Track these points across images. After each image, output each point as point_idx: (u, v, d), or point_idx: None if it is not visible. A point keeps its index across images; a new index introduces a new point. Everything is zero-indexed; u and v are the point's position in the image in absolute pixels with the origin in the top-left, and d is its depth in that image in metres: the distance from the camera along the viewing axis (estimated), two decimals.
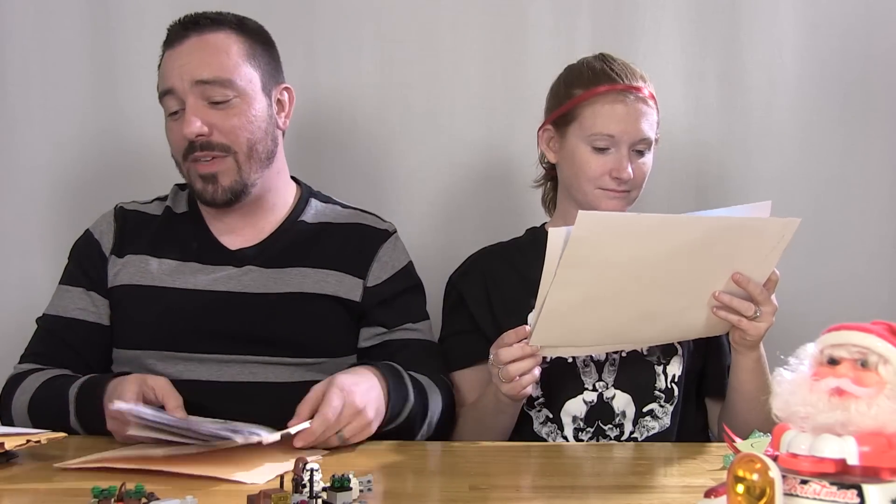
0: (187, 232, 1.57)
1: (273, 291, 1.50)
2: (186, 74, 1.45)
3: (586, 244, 1.23)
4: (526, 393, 1.37)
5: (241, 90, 1.47)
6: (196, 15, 1.51)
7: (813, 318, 1.61)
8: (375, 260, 1.56)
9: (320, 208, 1.62)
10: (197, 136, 1.45)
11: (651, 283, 1.31)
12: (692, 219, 1.34)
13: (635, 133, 1.51)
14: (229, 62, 1.47)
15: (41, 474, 1.14)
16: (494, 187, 1.97)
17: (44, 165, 1.93)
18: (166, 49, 1.51)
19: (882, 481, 0.74)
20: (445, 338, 1.61)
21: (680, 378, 1.54)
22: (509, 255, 1.64)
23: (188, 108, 1.45)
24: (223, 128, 1.46)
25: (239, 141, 1.47)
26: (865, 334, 0.80)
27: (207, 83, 1.45)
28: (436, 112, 1.96)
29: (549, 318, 1.30)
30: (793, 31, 1.99)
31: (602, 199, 1.54)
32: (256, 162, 1.50)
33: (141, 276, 1.52)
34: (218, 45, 1.47)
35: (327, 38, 1.61)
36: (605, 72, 1.53)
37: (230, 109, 1.46)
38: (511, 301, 1.54)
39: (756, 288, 1.34)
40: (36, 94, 1.92)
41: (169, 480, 1.07)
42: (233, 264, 1.52)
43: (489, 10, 1.96)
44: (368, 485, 1.01)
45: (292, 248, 1.55)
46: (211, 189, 1.48)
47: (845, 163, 1.99)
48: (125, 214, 1.60)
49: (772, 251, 1.33)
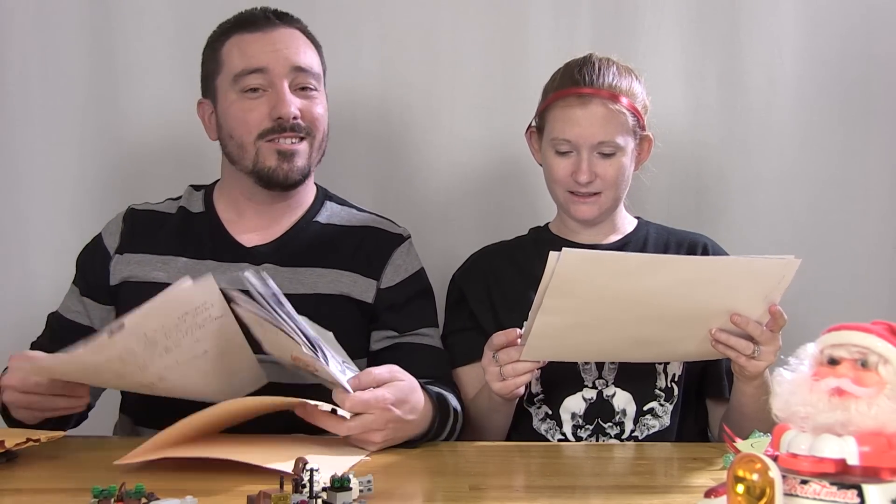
0: (203, 231, 1.57)
1: (289, 292, 1.50)
2: (283, 59, 1.50)
3: (570, 280, 1.23)
4: (517, 393, 1.37)
5: (321, 85, 1.56)
6: (274, 10, 1.57)
7: (813, 318, 1.61)
8: (389, 263, 1.57)
9: (335, 210, 1.63)
10: (294, 117, 1.49)
11: (642, 315, 1.30)
12: (680, 260, 1.35)
13: (593, 136, 1.50)
14: (315, 59, 1.56)
15: (41, 474, 1.14)
16: (494, 187, 1.97)
17: (44, 165, 1.92)
18: (246, 32, 1.53)
19: (882, 481, 0.74)
20: (447, 335, 1.61)
21: (680, 377, 1.54)
22: (511, 254, 1.64)
23: (285, 89, 1.50)
24: (309, 114, 1.52)
25: (318, 129, 1.54)
26: (865, 334, 0.80)
27: (302, 70, 1.51)
28: (436, 112, 1.96)
29: (539, 337, 1.31)
30: (793, 31, 1.98)
31: (571, 204, 1.56)
32: (318, 154, 1.56)
33: (153, 273, 1.52)
34: (305, 40, 1.56)
35: (327, 37, 1.61)
36: (572, 75, 1.53)
37: (314, 99, 1.54)
38: (512, 299, 1.54)
39: (756, 328, 1.31)
40: (36, 94, 1.91)
41: (169, 481, 1.06)
42: (249, 262, 1.53)
43: (489, 10, 1.96)
44: (368, 485, 1.01)
45: (307, 248, 1.56)
46: (286, 167, 1.51)
47: (845, 163, 1.99)
48: (134, 215, 1.60)
49: (773, 290, 1.29)
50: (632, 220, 1.66)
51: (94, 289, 1.56)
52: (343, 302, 1.53)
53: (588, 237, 1.61)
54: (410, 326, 1.55)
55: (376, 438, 1.25)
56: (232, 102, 1.52)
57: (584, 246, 1.59)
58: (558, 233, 1.65)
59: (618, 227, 1.63)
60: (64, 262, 1.68)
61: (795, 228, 1.97)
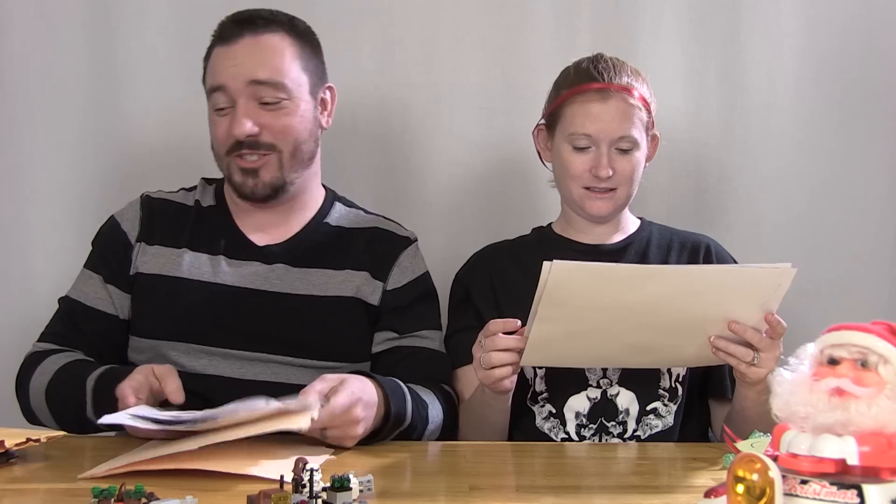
0: (214, 226, 1.58)
1: (300, 293, 1.51)
2: (240, 74, 1.47)
3: (562, 289, 1.23)
4: (503, 386, 1.36)
5: (291, 93, 1.49)
6: (250, 13, 1.53)
7: (813, 318, 1.61)
8: (396, 265, 1.58)
9: (344, 212, 1.63)
10: (247, 136, 1.47)
11: (639, 323, 1.30)
12: (674, 270, 1.35)
13: (614, 131, 1.50)
14: (283, 65, 1.49)
15: (41, 474, 1.14)
16: (494, 187, 1.97)
17: (44, 165, 1.92)
18: (218, 45, 1.51)
19: (882, 481, 0.74)
20: (451, 334, 1.61)
21: (684, 377, 1.54)
22: (515, 253, 1.64)
23: (240, 108, 1.47)
24: (273, 128, 1.48)
25: (286, 141, 1.50)
26: (865, 334, 0.80)
27: (261, 84, 1.47)
28: (436, 112, 1.96)
29: (536, 344, 1.31)
30: (793, 31, 1.99)
31: (586, 200, 1.55)
32: (299, 162, 1.53)
33: (171, 267, 1.53)
34: (273, 47, 1.49)
35: (327, 37, 1.61)
36: (588, 71, 1.53)
37: (280, 111, 1.49)
38: (516, 297, 1.53)
39: (755, 336, 1.30)
40: (36, 94, 1.91)
41: (169, 480, 1.06)
42: (261, 261, 1.53)
43: (489, 10, 1.96)
44: (368, 485, 1.01)
45: (318, 249, 1.56)
46: (251, 183, 1.50)
47: (845, 163, 1.99)
48: (151, 203, 1.60)
49: (770, 298, 1.28)
50: (635, 221, 1.66)
51: (118, 276, 1.54)
52: (353, 304, 1.53)
53: (593, 237, 1.61)
54: (411, 328, 1.55)
55: (358, 431, 1.25)
56: (209, 117, 1.53)
57: (588, 246, 1.60)
58: (562, 232, 1.65)
59: (621, 227, 1.64)
60: (64, 262, 1.68)
61: (795, 228, 1.97)
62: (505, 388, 1.37)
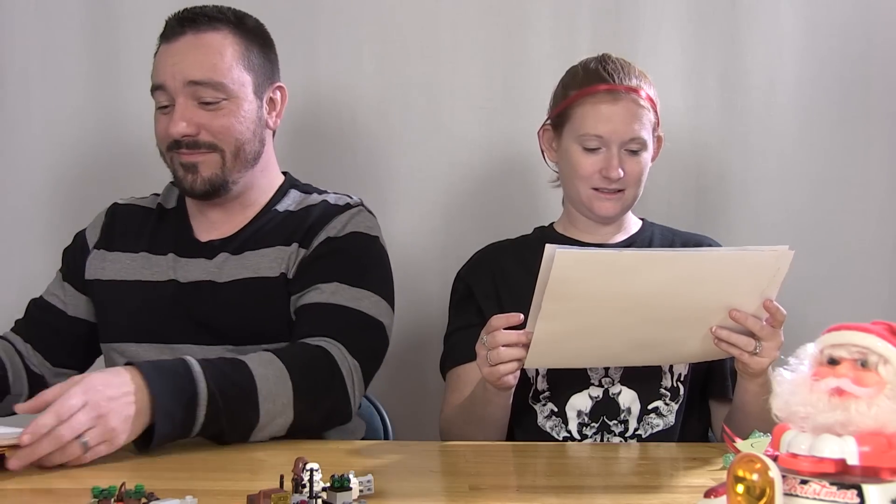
0: (171, 228, 1.59)
1: (235, 278, 1.49)
2: (178, 73, 1.46)
3: (566, 281, 1.23)
4: (506, 382, 1.34)
5: (231, 93, 1.48)
6: (195, 10, 1.50)
7: (813, 318, 1.61)
8: (324, 229, 1.51)
9: (296, 198, 1.60)
10: (183, 136, 1.46)
11: (642, 316, 1.30)
12: (674, 254, 1.34)
13: (625, 133, 1.50)
14: (223, 64, 1.47)
15: (41, 474, 1.14)
16: (494, 187, 1.97)
17: (44, 165, 1.93)
18: (162, 43, 1.51)
19: (882, 481, 0.74)
20: (453, 332, 1.61)
21: (686, 377, 1.54)
22: (518, 252, 1.64)
23: (177, 108, 1.46)
24: (211, 128, 1.47)
25: (226, 141, 1.49)
26: (865, 334, 0.80)
27: (199, 84, 1.46)
28: (436, 112, 1.97)
29: (539, 344, 1.30)
30: (793, 31, 1.99)
31: (595, 201, 1.55)
32: (242, 162, 1.51)
33: (128, 271, 1.55)
34: (213, 46, 1.47)
35: (327, 38, 1.61)
36: (598, 72, 1.53)
37: (219, 111, 1.47)
38: (518, 296, 1.53)
39: (756, 324, 1.30)
40: (36, 94, 1.92)
41: (169, 481, 1.07)
42: (205, 256, 1.53)
43: (489, 10, 1.97)
44: (368, 485, 1.01)
45: (260, 235, 1.54)
46: (190, 178, 1.49)
47: (845, 163, 1.99)
48: (115, 210, 1.63)
49: (770, 283, 1.28)
50: (637, 221, 1.67)
51: (74, 277, 1.59)
52: (276, 282, 1.48)
53: (596, 237, 1.61)
54: (303, 285, 1.47)
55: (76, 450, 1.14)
56: (155, 114, 1.53)
57: (589, 246, 1.60)
58: (564, 232, 1.65)
59: (624, 227, 1.64)
60: None
61: (795, 228, 1.97)
62: (508, 384, 1.36)
